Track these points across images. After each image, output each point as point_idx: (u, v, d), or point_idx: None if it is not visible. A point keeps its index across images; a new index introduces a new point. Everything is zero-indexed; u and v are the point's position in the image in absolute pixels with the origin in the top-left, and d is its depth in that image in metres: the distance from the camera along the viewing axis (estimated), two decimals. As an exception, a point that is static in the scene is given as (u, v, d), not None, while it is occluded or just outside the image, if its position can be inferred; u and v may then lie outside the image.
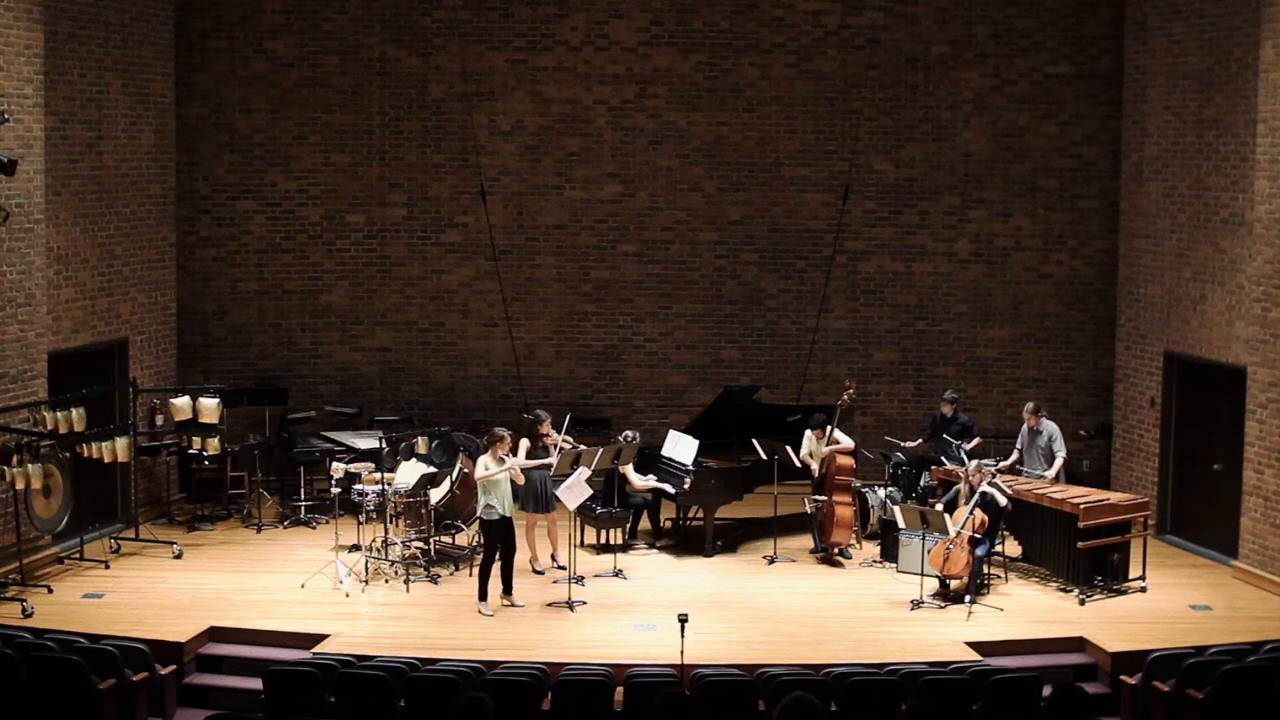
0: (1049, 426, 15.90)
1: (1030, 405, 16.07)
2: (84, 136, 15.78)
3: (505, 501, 13.76)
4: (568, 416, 15.71)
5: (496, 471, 13.69)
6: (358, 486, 15.32)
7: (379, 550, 14.96)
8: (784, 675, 10.84)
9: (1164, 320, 16.61)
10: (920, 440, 16.87)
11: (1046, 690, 10.44)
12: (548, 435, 14.96)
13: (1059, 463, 15.76)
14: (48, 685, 10.53)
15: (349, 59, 18.25)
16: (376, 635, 13.10)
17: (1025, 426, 16.05)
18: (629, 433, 16.13)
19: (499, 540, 13.78)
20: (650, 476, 16.05)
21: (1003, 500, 14.17)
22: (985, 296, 18.41)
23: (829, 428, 15.62)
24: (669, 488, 15.92)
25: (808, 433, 15.79)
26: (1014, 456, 16.10)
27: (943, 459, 16.15)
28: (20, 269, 14.49)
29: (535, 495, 14.72)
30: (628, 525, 16.09)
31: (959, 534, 13.98)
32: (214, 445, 16.04)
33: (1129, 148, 17.32)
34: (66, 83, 15.43)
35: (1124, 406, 17.38)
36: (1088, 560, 14.37)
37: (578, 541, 15.33)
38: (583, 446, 15.07)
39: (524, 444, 14.77)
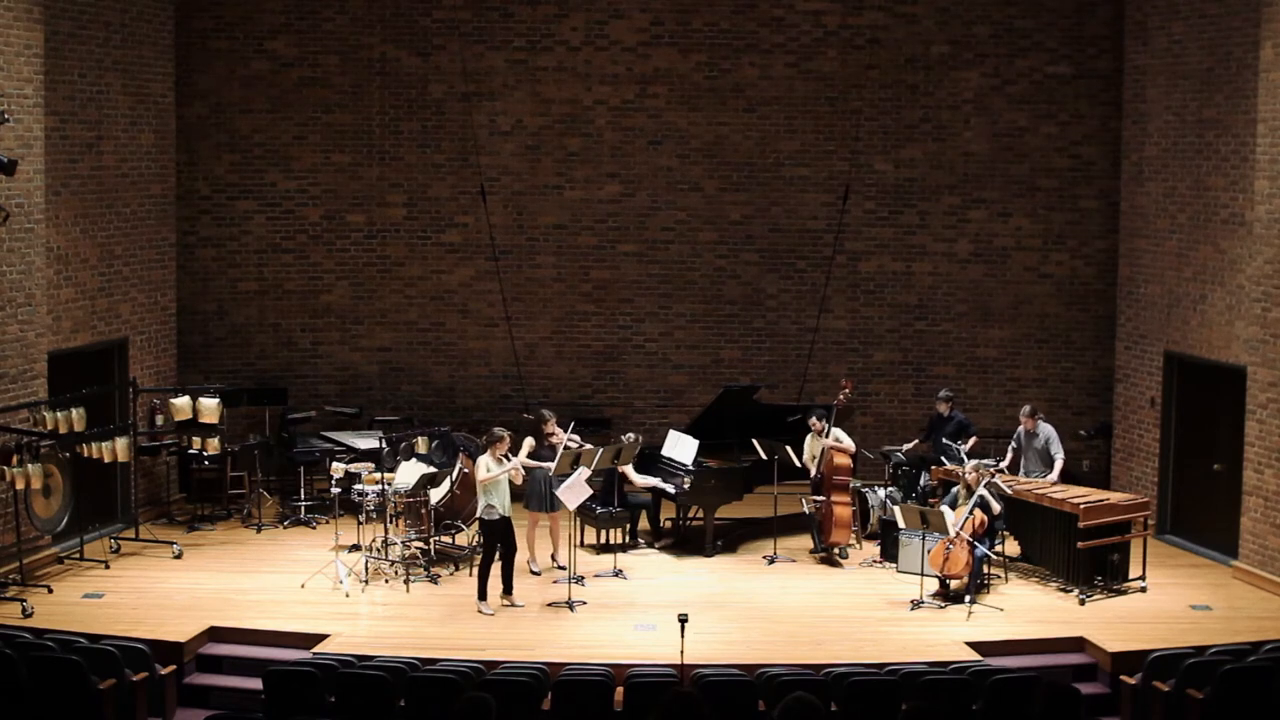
0: (1045, 429, 15.90)
1: (1027, 408, 16.06)
2: (84, 136, 15.78)
3: (505, 501, 13.77)
4: (571, 423, 15.73)
5: (498, 472, 13.69)
6: (358, 486, 15.32)
7: (379, 550, 14.95)
8: (784, 675, 10.84)
9: (1164, 320, 16.61)
10: (917, 441, 16.88)
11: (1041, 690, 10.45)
12: (553, 434, 14.96)
13: (1059, 465, 15.75)
14: (48, 685, 10.53)
15: (349, 59, 18.25)
16: (376, 635, 13.10)
17: (1021, 429, 16.04)
18: (630, 435, 16.11)
19: (499, 540, 13.79)
20: (655, 479, 16.02)
21: (996, 507, 14.15)
22: (985, 296, 18.42)
23: (827, 423, 15.61)
24: (669, 487, 15.92)
25: (809, 436, 15.78)
26: (1009, 459, 16.08)
27: (943, 459, 16.15)
28: (20, 269, 14.49)
29: (539, 495, 14.74)
30: (628, 525, 16.09)
31: (958, 534, 13.98)
32: (214, 445, 16.04)
33: (1129, 148, 17.32)
34: (66, 83, 15.43)
35: (1124, 406, 17.38)
36: (1088, 560, 14.37)
37: (578, 541, 15.33)
38: (588, 445, 15.07)
39: (528, 442, 14.76)
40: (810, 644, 12.95)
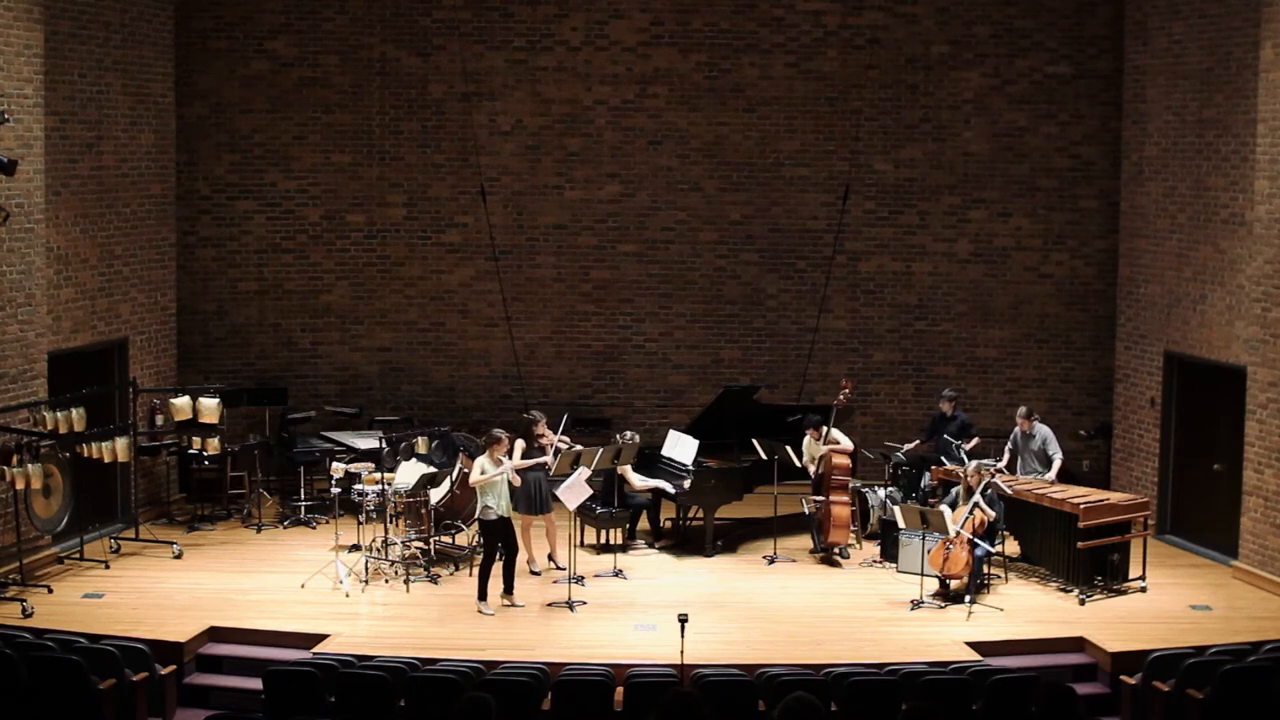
0: (1041, 430, 15.90)
1: (1023, 409, 16.05)
2: (84, 136, 15.78)
3: (501, 502, 13.76)
4: (565, 416, 15.71)
5: (494, 474, 13.68)
6: (358, 486, 15.32)
7: (379, 550, 14.95)
8: (784, 675, 10.84)
9: (1164, 320, 16.61)
10: (919, 441, 16.87)
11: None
12: (543, 435, 14.94)
13: (1057, 465, 15.74)
14: (48, 685, 10.53)
15: (349, 59, 18.25)
16: (376, 635, 13.11)
17: (1018, 430, 16.03)
18: (628, 433, 16.11)
19: (498, 540, 13.79)
20: (657, 480, 15.99)
21: (990, 513, 14.12)
22: (985, 296, 18.42)
23: (825, 427, 15.62)
24: (669, 487, 15.92)
25: (807, 438, 15.77)
26: (1005, 459, 16.07)
27: (943, 459, 16.14)
28: (20, 269, 14.49)
29: (529, 496, 14.66)
30: (628, 525, 16.09)
31: (958, 534, 13.98)
32: (214, 445, 16.04)
33: (1129, 148, 17.32)
34: (66, 83, 15.43)
35: (1124, 406, 17.38)
36: (1088, 560, 14.37)
37: (578, 541, 15.33)
38: (580, 446, 15.06)
39: (519, 445, 14.75)
40: (810, 644, 12.95)
